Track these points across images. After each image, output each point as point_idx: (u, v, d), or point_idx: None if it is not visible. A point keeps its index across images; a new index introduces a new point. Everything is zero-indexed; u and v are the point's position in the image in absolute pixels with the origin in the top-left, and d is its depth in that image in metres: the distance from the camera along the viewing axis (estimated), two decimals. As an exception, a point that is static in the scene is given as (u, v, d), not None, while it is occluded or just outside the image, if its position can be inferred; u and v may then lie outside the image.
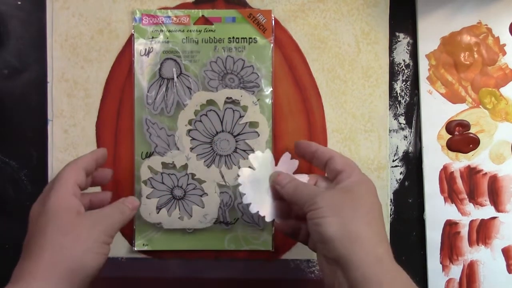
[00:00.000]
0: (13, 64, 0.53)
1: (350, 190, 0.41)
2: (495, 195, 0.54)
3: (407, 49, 0.55)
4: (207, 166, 0.51)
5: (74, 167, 0.42)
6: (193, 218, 0.51)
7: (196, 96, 0.51)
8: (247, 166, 0.47)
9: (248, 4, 0.53)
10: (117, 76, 0.53)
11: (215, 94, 0.51)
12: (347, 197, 0.41)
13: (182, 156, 0.51)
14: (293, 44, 0.54)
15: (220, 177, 0.51)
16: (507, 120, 0.54)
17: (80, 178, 0.42)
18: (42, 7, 0.53)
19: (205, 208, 0.51)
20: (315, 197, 0.41)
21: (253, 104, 0.51)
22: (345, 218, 0.39)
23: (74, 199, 0.40)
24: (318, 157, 0.46)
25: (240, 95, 0.51)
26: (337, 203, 0.40)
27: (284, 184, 0.45)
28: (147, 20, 0.53)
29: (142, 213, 0.50)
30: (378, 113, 0.54)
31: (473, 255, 0.53)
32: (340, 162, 0.44)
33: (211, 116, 0.52)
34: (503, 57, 0.54)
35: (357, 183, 0.42)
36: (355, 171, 0.43)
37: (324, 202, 0.40)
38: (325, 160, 0.45)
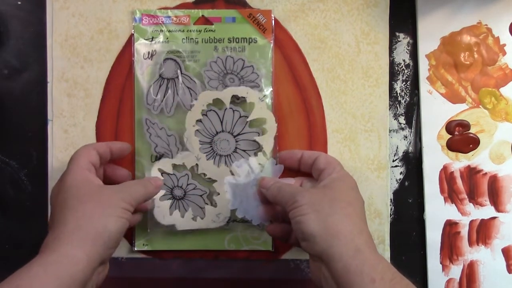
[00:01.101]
0: (13, 64, 0.53)
1: (330, 187, 0.44)
2: (495, 195, 0.54)
3: (407, 49, 0.55)
4: (217, 166, 0.51)
5: (85, 147, 0.45)
6: (206, 218, 0.51)
7: (202, 96, 0.51)
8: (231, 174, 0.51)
9: (248, 4, 0.53)
10: (117, 76, 0.53)
11: (221, 93, 0.51)
12: (326, 193, 0.42)
13: (192, 157, 0.51)
14: (293, 44, 0.54)
15: (230, 175, 0.51)
16: (507, 120, 0.54)
17: (92, 158, 0.44)
18: (42, 7, 0.53)
19: (218, 208, 0.51)
20: (296, 196, 0.42)
21: (260, 101, 0.51)
22: (324, 213, 0.40)
23: (89, 173, 0.43)
24: (305, 161, 0.48)
25: (246, 92, 0.51)
26: (316, 200, 0.41)
27: (269, 187, 0.47)
28: (147, 20, 0.53)
29: (156, 216, 0.50)
30: (378, 113, 0.54)
31: (473, 255, 0.54)
32: (323, 161, 0.46)
33: (211, 116, 0.52)
34: (503, 57, 0.54)
35: (336, 179, 0.44)
36: (336, 168, 0.45)
37: (304, 200, 0.41)
38: (311, 161, 0.47)
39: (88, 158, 0.44)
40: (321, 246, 0.39)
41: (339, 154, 0.53)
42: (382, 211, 0.53)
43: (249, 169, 0.51)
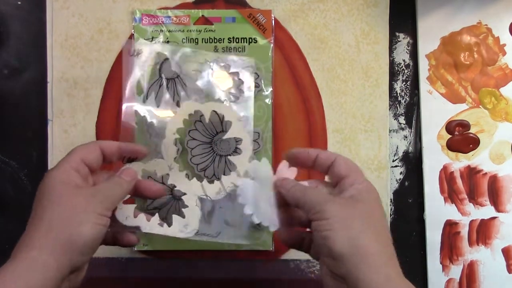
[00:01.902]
0: (13, 64, 0.53)
1: (358, 200, 0.39)
2: (495, 195, 0.54)
3: (407, 49, 0.55)
4: (188, 179, 0.49)
5: (87, 144, 0.42)
6: (173, 226, 0.48)
7: (185, 106, 0.49)
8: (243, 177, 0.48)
9: (248, 4, 0.53)
10: (117, 76, 0.53)
11: (201, 105, 0.49)
12: (356, 207, 0.38)
13: (164, 166, 0.48)
14: (293, 44, 0.54)
15: (201, 190, 0.49)
16: (507, 120, 0.54)
17: (90, 156, 0.41)
18: (42, 7, 0.53)
19: (186, 219, 0.48)
20: (323, 205, 0.38)
21: (237, 120, 0.49)
22: (354, 232, 0.36)
23: (73, 173, 0.40)
24: (321, 163, 0.43)
25: (226, 110, 0.49)
26: (346, 215, 0.37)
27: (289, 188, 0.42)
28: (147, 20, 0.52)
29: (118, 217, 0.46)
30: (378, 113, 0.54)
31: (473, 255, 0.53)
32: (344, 167, 0.41)
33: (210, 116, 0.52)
34: (503, 57, 0.54)
35: (364, 191, 0.40)
36: (359, 177, 0.41)
37: (334, 212, 0.37)
38: (328, 164, 0.42)
39: (83, 156, 0.41)
40: (348, 268, 0.36)
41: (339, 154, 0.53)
42: (382, 211, 0.53)
43: (221, 187, 0.48)
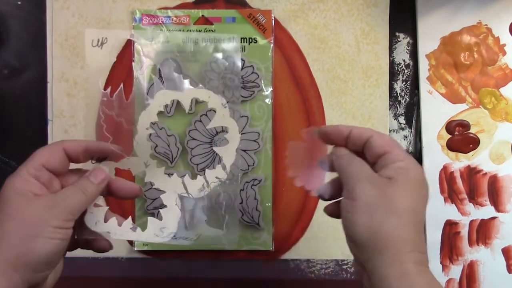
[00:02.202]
0: (13, 64, 0.53)
1: (393, 182, 0.36)
2: (495, 195, 0.54)
3: (407, 49, 0.55)
4: (168, 175, 0.45)
5: (49, 147, 0.39)
6: (148, 230, 0.44)
7: (159, 96, 0.45)
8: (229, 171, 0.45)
9: (248, 4, 0.53)
10: (118, 76, 0.53)
11: (179, 93, 0.46)
12: (387, 191, 0.36)
13: (140, 163, 0.44)
14: (293, 44, 0.54)
15: (182, 187, 0.45)
16: (507, 120, 0.54)
17: (52, 160, 0.38)
18: (42, 7, 0.53)
19: (163, 221, 0.44)
20: (355, 183, 0.37)
21: (222, 107, 0.45)
22: (379, 220, 0.35)
23: (31, 181, 0.37)
24: (354, 140, 0.40)
25: (208, 96, 0.45)
26: (374, 200, 0.36)
27: (339, 155, 0.40)
28: (147, 20, 0.52)
29: (87, 223, 0.42)
30: (378, 113, 0.54)
31: (473, 255, 0.53)
32: (380, 143, 0.38)
33: (211, 116, 0.52)
34: (503, 57, 0.54)
35: (402, 171, 0.37)
36: (398, 154, 0.37)
37: (360, 194, 0.36)
38: (363, 142, 0.39)
39: (44, 161, 0.37)
40: (366, 256, 0.35)
41: (339, 154, 0.53)
42: (382, 211, 0.53)
43: (204, 182, 0.45)
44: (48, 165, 0.38)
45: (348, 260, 0.54)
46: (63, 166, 0.39)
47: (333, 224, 0.54)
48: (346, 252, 0.53)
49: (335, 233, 0.53)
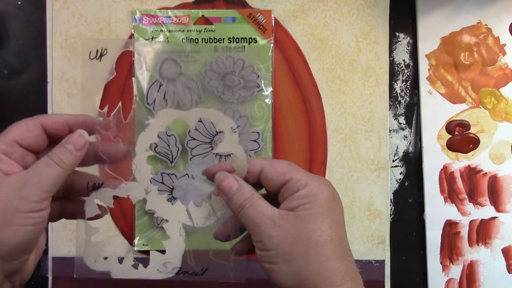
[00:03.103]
0: (13, 64, 0.53)
1: (302, 217, 0.33)
2: (495, 195, 0.54)
3: (407, 49, 0.55)
4: (171, 203, 0.41)
5: (25, 121, 0.34)
6: (150, 266, 0.41)
7: (161, 115, 0.40)
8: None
9: (248, 4, 0.53)
10: (118, 76, 0.53)
11: (185, 113, 0.40)
12: (298, 231, 0.33)
13: (140, 189, 0.40)
14: (293, 44, 0.54)
15: (186, 216, 0.41)
16: (507, 120, 0.54)
17: (27, 136, 0.34)
18: (42, 7, 0.53)
19: (166, 255, 0.41)
20: (262, 230, 0.33)
21: (232, 131, 0.40)
22: (299, 264, 0.33)
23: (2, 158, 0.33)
24: (249, 174, 0.37)
25: (217, 118, 0.40)
26: (287, 246, 0.33)
27: (232, 194, 0.36)
28: (147, 20, 0.53)
29: (86, 260, 0.40)
30: (378, 113, 0.54)
31: (473, 255, 0.53)
32: (274, 174, 0.35)
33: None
34: (503, 57, 0.54)
35: (308, 201, 0.34)
36: (299, 179, 0.35)
37: (273, 242, 0.33)
38: (256, 177, 0.36)
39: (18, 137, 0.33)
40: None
41: (339, 154, 0.53)
42: (382, 211, 0.53)
43: (210, 210, 0.40)
44: (22, 141, 0.34)
45: (348, 260, 0.54)
46: (40, 142, 0.34)
47: (333, 224, 0.54)
48: (346, 252, 0.53)
49: (335, 233, 0.53)
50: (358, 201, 0.54)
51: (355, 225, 0.54)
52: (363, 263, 0.53)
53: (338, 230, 0.34)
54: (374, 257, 0.54)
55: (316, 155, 0.54)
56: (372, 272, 0.53)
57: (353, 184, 0.54)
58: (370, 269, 0.53)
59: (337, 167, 0.54)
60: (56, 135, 0.35)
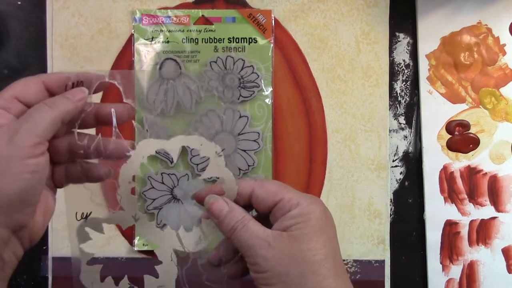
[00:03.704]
0: (13, 64, 0.53)
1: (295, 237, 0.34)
2: (495, 195, 0.54)
3: (407, 49, 0.55)
4: (161, 229, 0.41)
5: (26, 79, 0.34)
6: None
7: (143, 146, 0.38)
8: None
9: (248, 4, 0.53)
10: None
11: (166, 143, 0.39)
12: (293, 251, 0.33)
13: (128, 217, 0.40)
14: (293, 44, 0.54)
15: (177, 241, 0.41)
16: (507, 120, 0.54)
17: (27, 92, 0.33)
18: (42, 7, 0.53)
19: (160, 279, 0.41)
20: (256, 251, 0.33)
21: (217, 155, 0.38)
22: (296, 284, 0.33)
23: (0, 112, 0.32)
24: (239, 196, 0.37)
25: (200, 144, 0.38)
26: (283, 267, 0.33)
27: (222, 218, 0.36)
28: (147, 20, 0.53)
29: (84, 282, 0.40)
30: (378, 113, 0.54)
31: (473, 255, 0.53)
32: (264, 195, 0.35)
33: (211, 116, 0.52)
34: (503, 57, 0.54)
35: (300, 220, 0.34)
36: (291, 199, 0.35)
37: (268, 264, 0.33)
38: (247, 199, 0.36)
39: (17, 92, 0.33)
40: None
41: (339, 154, 0.53)
42: (382, 211, 0.53)
43: (201, 234, 0.40)
44: (22, 97, 0.33)
45: (347, 260, 0.54)
46: (41, 98, 0.33)
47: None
48: (345, 252, 0.54)
49: (335, 233, 0.53)
50: (358, 201, 0.54)
51: (355, 225, 0.54)
52: (363, 263, 0.53)
53: (332, 248, 0.34)
54: (374, 257, 0.54)
55: (316, 155, 0.54)
56: (372, 272, 0.53)
57: (353, 184, 0.54)
58: (370, 269, 0.53)
59: (337, 167, 0.54)
60: (58, 91, 0.34)
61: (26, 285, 0.53)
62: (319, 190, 0.54)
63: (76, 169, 0.36)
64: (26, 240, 0.33)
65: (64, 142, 0.35)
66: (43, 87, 0.34)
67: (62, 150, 0.35)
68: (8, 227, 0.31)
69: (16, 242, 0.32)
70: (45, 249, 0.53)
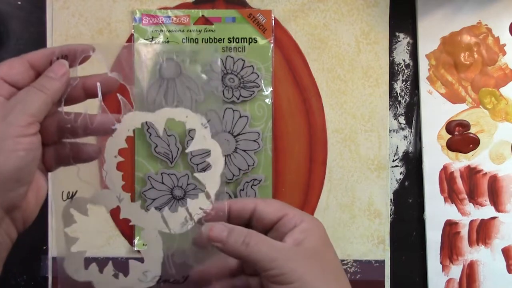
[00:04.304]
0: (13, 64, 0.53)
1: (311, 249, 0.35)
2: (495, 195, 0.54)
3: (407, 49, 0.55)
4: (145, 210, 0.39)
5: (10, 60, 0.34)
6: (130, 275, 0.39)
7: (128, 119, 0.38)
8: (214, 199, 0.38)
9: (248, 4, 0.53)
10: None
11: (152, 115, 0.40)
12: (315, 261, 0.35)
13: (112, 197, 0.39)
14: (293, 44, 0.54)
15: (162, 222, 0.39)
16: (507, 120, 0.54)
17: (12, 72, 0.33)
18: (42, 7, 0.53)
19: (145, 263, 0.39)
20: (281, 265, 0.33)
21: (202, 127, 0.39)
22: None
23: None
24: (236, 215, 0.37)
25: (186, 116, 0.39)
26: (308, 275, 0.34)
27: (226, 240, 0.35)
28: (147, 20, 0.53)
29: (67, 269, 0.39)
30: (378, 113, 0.54)
31: (473, 255, 0.53)
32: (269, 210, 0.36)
33: (211, 116, 0.52)
34: (503, 57, 0.54)
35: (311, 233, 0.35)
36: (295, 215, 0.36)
37: (295, 275, 0.33)
38: (248, 215, 0.37)
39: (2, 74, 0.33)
40: None
41: (339, 154, 0.53)
42: (382, 211, 0.53)
43: (187, 215, 0.39)
44: (8, 78, 0.33)
45: (347, 260, 0.54)
46: (27, 78, 0.34)
47: (332, 224, 0.54)
48: (345, 252, 0.54)
49: (334, 233, 0.53)
50: (358, 201, 0.54)
51: (355, 225, 0.54)
52: (363, 263, 0.53)
53: (339, 260, 0.37)
54: (374, 257, 0.54)
55: (316, 155, 0.54)
56: (372, 272, 0.53)
57: (353, 184, 0.54)
58: (370, 269, 0.53)
59: (337, 167, 0.54)
60: (44, 68, 0.35)
61: (26, 285, 0.53)
62: (319, 190, 0.54)
63: (66, 150, 0.37)
64: (19, 222, 0.33)
65: (52, 121, 0.35)
66: (28, 65, 0.34)
67: (51, 129, 0.35)
68: (1, 206, 0.31)
69: (10, 223, 0.33)
70: (45, 249, 0.53)
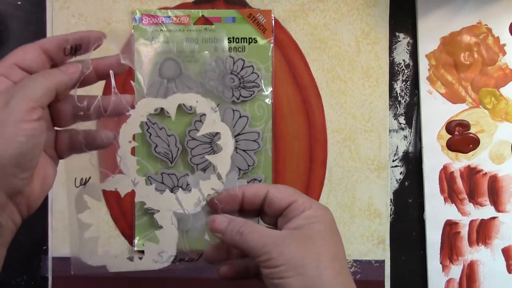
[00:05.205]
0: (13, 64, 0.53)
1: (309, 235, 0.36)
2: (495, 195, 0.54)
3: (407, 49, 0.55)
4: (160, 192, 0.41)
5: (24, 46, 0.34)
6: (145, 257, 0.41)
7: (142, 105, 0.40)
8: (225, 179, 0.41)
9: (248, 4, 0.53)
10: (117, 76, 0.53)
11: (164, 101, 0.41)
12: (308, 245, 0.35)
13: (127, 181, 0.40)
14: (293, 44, 0.54)
15: (176, 204, 0.41)
16: (507, 120, 0.54)
17: (26, 58, 0.34)
18: (42, 7, 0.53)
19: (161, 244, 0.41)
20: (269, 247, 0.35)
21: (212, 111, 0.41)
22: (310, 277, 0.34)
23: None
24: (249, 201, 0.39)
25: (196, 101, 0.41)
26: (298, 260, 0.34)
27: (224, 230, 0.38)
28: (147, 20, 0.53)
29: (81, 256, 0.40)
30: (378, 113, 0.54)
31: (473, 255, 0.53)
32: (280, 196, 0.38)
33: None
34: (503, 57, 0.54)
35: (314, 220, 0.36)
36: (304, 202, 0.37)
37: (283, 258, 0.34)
38: (261, 201, 0.38)
39: (16, 60, 0.33)
40: None
41: (339, 154, 0.53)
42: (382, 211, 0.53)
43: (200, 196, 0.41)
44: (21, 63, 0.33)
45: (347, 260, 0.54)
46: (40, 64, 0.34)
47: (333, 224, 0.54)
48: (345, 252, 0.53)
49: (335, 233, 0.53)
50: (358, 201, 0.54)
51: (355, 225, 0.54)
52: (363, 263, 0.53)
53: (342, 249, 0.37)
54: (374, 257, 0.54)
55: (316, 155, 0.54)
56: (372, 272, 0.53)
57: (353, 184, 0.54)
58: (370, 269, 0.53)
59: (337, 167, 0.54)
60: (57, 54, 0.35)
61: (26, 285, 0.53)
62: (319, 190, 0.54)
63: (79, 137, 0.37)
64: (23, 207, 0.33)
65: (66, 105, 0.36)
66: (41, 51, 0.34)
67: (64, 114, 0.36)
68: (3, 191, 0.31)
69: (13, 208, 0.33)
70: (45, 249, 0.53)
